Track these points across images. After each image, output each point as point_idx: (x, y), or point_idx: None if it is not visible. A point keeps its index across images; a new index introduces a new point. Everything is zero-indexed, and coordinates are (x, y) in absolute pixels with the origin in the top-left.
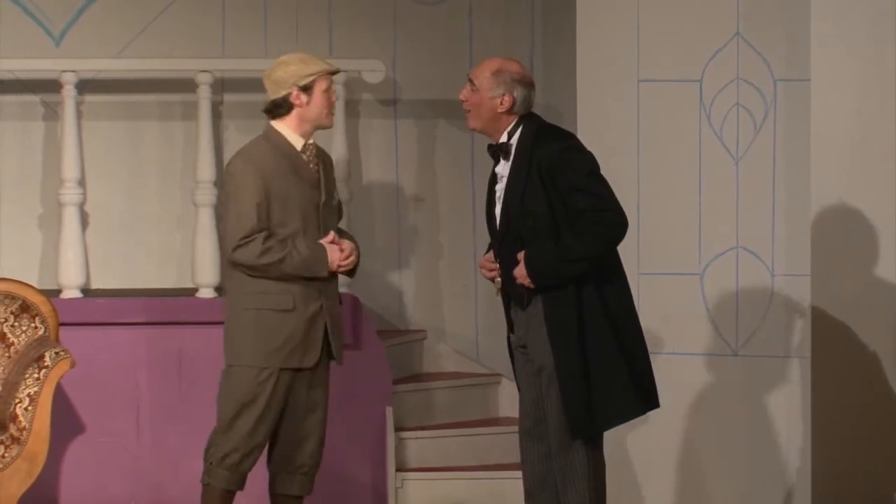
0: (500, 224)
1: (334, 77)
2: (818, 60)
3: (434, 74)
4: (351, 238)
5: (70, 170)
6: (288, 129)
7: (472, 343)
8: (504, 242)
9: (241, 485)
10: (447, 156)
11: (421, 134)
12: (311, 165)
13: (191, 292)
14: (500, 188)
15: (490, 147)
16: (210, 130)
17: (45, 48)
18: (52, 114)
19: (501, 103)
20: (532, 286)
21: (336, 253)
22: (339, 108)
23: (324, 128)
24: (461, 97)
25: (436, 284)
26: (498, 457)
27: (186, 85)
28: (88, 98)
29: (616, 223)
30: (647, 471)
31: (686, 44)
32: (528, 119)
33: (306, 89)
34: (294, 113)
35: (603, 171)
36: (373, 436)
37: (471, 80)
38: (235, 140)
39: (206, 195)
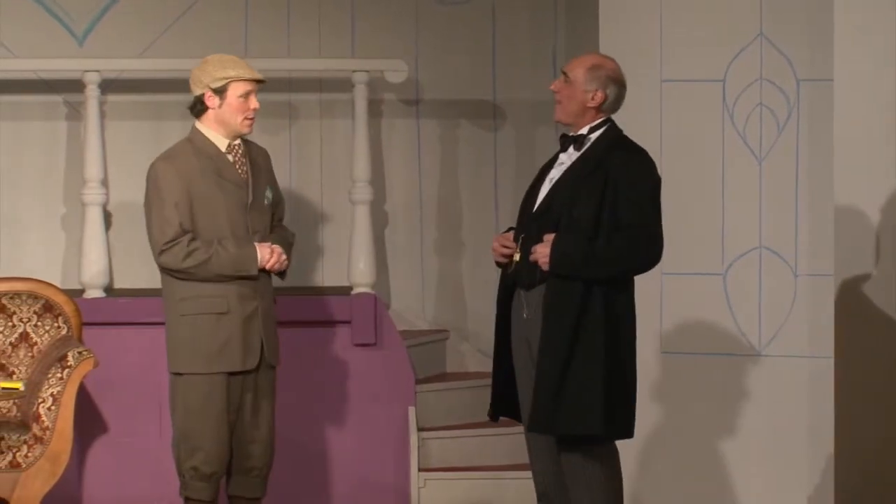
0: (539, 205)
1: (257, 85)
2: (841, 60)
3: (457, 74)
4: (284, 237)
5: (93, 170)
6: (209, 129)
7: None
8: (537, 223)
9: (217, 493)
10: (470, 155)
11: (443, 133)
12: (238, 166)
13: None
14: (555, 172)
15: (564, 136)
16: None
17: (68, 48)
18: (75, 114)
19: (593, 98)
20: (546, 269)
21: (266, 250)
22: (361, 107)
23: (240, 135)
24: (553, 87)
25: (458, 284)
26: (521, 457)
27: None
28: (111, 98)
29: (652, 251)
30: (668, 471)
31: (709, 44)
32: (612, 123)
33: (219, 92)
34: (210, 114)
35: None
36: (395, 436)
37: (564, 73)
38: (256, 139)
39: None
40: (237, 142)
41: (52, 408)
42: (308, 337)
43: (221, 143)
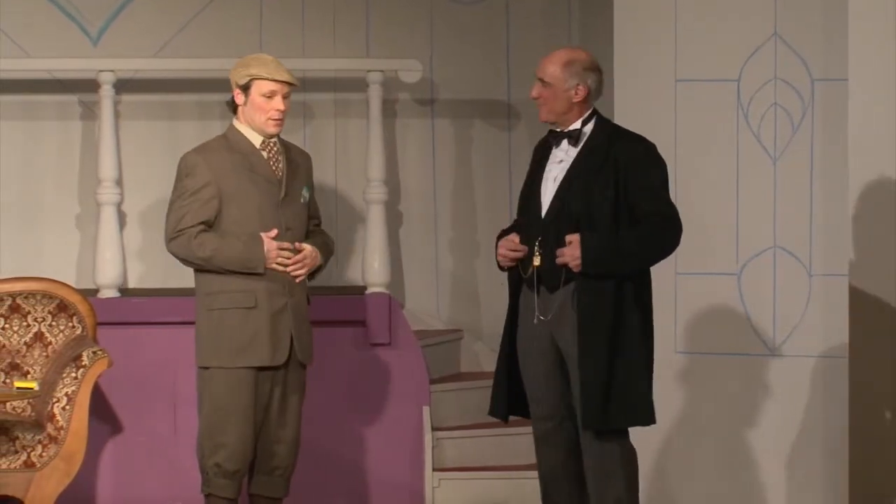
0: (551, 205)
1: (284, 86)
2: (856, 60)
3: (471, 74)
4: (324, 241)
5: (107, 169)
6: (244, 126)
7: None
8: (554, 225)
9: (240, 491)
10: (484, 155)
11: (458, 133)
12: (272, 163)
13: None
14: (557, 170)
15: (554, 132)
16: None
17: (82, 48)
18: (89, 113)
19: (576, 94)
20: (578, 270)
21: (273, 246)
22: (376, 107)
23: (266, 135)
24: (532, 95)
25: (473, 284)
26: (534, 457)
27: (224, 85)
28: (126, 98)
29: (676, 235)
30: (682, 471)
31: (724, 44)
32: (598, 113)
33: (244, 89)
34: (240, 111)
35: None
36: (410, 435)
37: (540, 79)
38: None
39: None
40: (273, 140)
41: (67, 407)
42: (323, 337)
43: (256, 140)
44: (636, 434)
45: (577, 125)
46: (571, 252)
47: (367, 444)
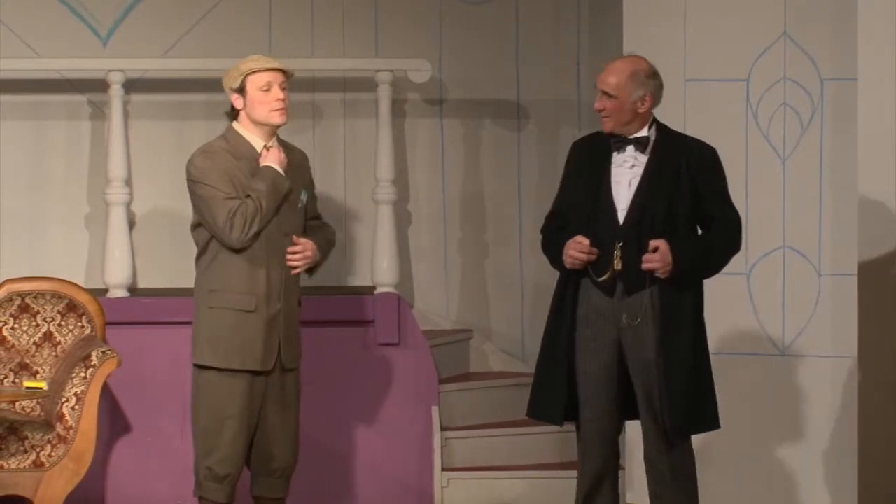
0: (630, 211)
1: (279, 75)
2: (865, 60)
3: (480, 74)
4: (325, 237)
5: (117, 169)
6: (245, 129)
7: (518, 342)
8: (634, 230)
9: (232, 495)
10: (493, 155)
11: (467, 133)
12: None
13: None
14: (629, 175)
15: (619, 139)
16: None
17: (91, 48)
18: (98, 113)
19: (642, 104)
20: (666, 275)
21: (275, 153)
22: (385, 107)
23: (276, 125)
24: (597, 108)
25: (481, 284)
26: (544, 456)
27: None
28: (135, 98)
29: (740, 242)
30: None
31: (733, 43)
32: (656, 119)
33: (240, 90)
34: (242, 115)
35: None
36: (418, 435)
37: (604, 92)
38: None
39: None
40: (273, 143)
41: (76, 407)
42: (332, 336)
43: (257, 144)
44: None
45: (644, 132)
46: (662, 258)
47: (375, 445)
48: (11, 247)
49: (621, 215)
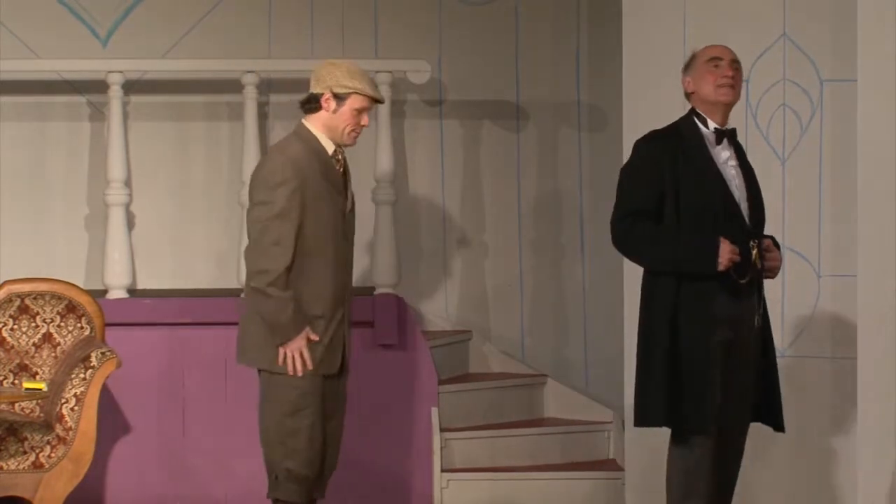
0: (752, 209)
1: (376, 105)
2: (865, 61)
3: (480, 75)
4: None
5: (116, 170)
6: (317, 130)
7: (518, 343)
8: (757, 229)
9: (308, 497)
10: (493, 156)
11: (466, 134)
12: (340, 170)
13: (236, 293)
14: (734, 171)
15: (719, 130)
16: (256, 131)
17: (91, 49)
18: (98, 114)
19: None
20: (775, 274)
21: (299, 355)
22: (385, 108)
23: (343, 145)
24: (729, 74)
25: (481, 285)
26: (543, 457)
27: (232, 85)
28: (135, 99)
29: None
30: None
31: (733, 44)
32: None
33: (339, 98)
34: (321, 115)
35: None
36: (418, 436)
37: (735, 61)
38: (275, 137)
39: None
40: (341, 149)
41: (76, 408)
42: None
43: (329, 147)
44: (653, 433)
45: (731, 123)
46: (779, 256)
47: (375, 445)
48: (11, 247)
49: (747, 215)
